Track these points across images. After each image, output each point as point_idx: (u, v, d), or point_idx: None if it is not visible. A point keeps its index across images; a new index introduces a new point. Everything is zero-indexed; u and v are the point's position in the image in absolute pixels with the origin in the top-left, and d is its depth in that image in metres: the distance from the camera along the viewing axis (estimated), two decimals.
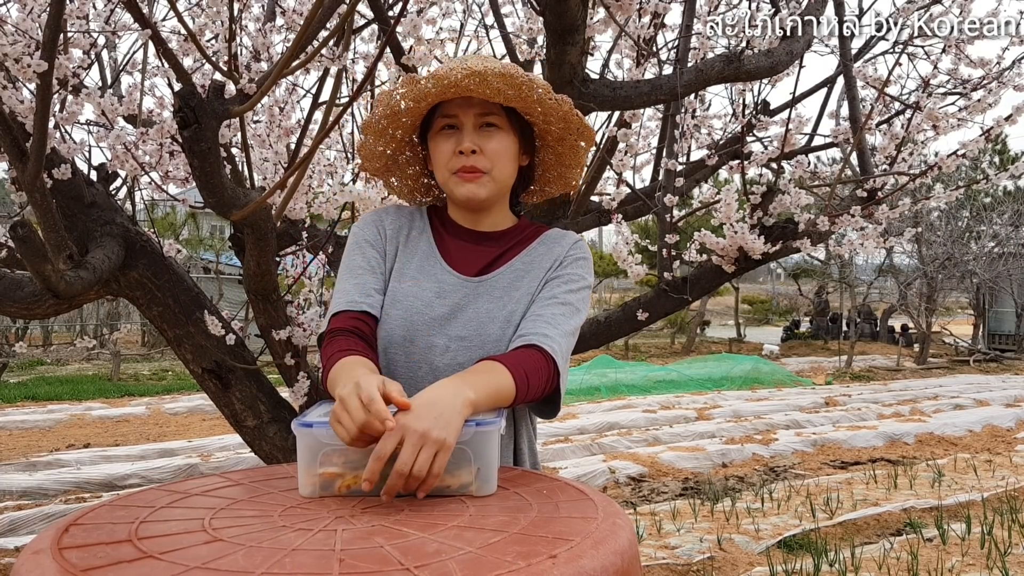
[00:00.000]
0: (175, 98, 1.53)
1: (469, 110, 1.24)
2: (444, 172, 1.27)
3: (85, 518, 0.87)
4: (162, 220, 14.71)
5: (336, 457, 0.96)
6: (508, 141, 1.27)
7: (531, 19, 2.31)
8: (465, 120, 1.24)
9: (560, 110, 1.27)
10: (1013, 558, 3.70)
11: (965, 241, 16.07)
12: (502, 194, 1.32)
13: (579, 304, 1.28)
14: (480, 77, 1.18)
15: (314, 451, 0.96)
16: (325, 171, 2.36)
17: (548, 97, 1.24)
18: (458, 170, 1.24)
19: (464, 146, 1.23)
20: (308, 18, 1.35)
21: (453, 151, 1.24)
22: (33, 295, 1.79)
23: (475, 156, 1.24)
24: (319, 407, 1.08)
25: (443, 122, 1.26)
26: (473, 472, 0.96)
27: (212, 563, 0.72)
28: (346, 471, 0.96)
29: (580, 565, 0.72)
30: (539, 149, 1.36)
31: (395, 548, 0.75)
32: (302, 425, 0.96)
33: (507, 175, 1.29)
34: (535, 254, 1.31)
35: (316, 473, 0.96)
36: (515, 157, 1.29)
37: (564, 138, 1.33)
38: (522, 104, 1.25)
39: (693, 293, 2.61)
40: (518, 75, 1.20)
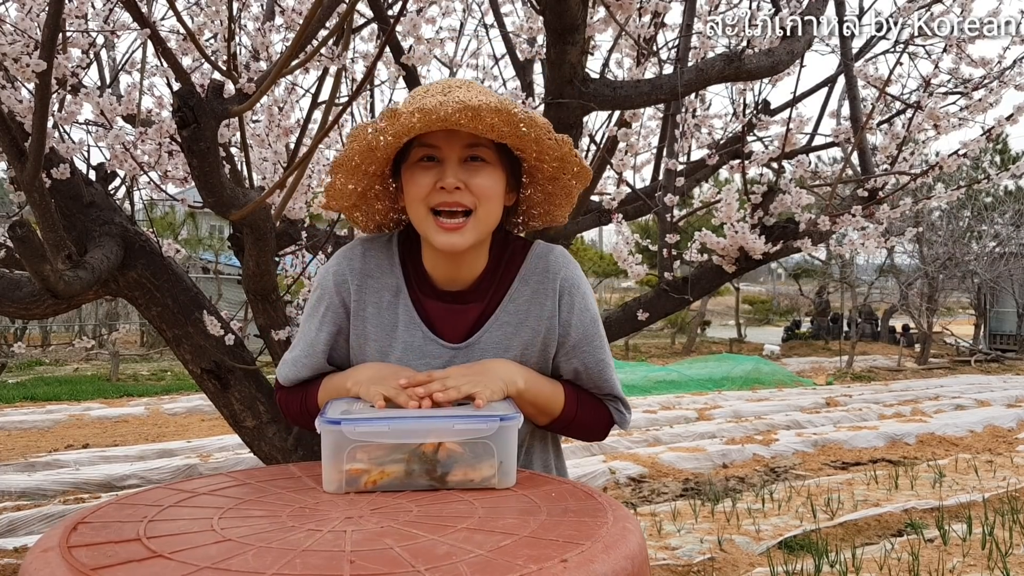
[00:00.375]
0: (174, 97, 1.52)
1: (455, 142, 1.10)
2: (421, 209, 1.11)
3: (92, 516, 0.87)
4: (161, 220, 14.71)
5: (361, 453, 0.97)
6: (496, 177, 1.13)
7: (531, 19, 2.31)
8: (449, 153, 1.10)
9: (559, 151, 1.14)
10: (1014, 559, 3.69)
11: (966, 241, 16.07)
12: (486, 236, 1.17)
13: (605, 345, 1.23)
14: (473, 112, 1.05)
15: (341, 447, 0.97)
16: (324, 171, 2.35)
17: (548, 137, 1.12)
18: (438, 206, 1.10)
19: (447, 182, 1.09)
20: (307, 17, 1.34)
21: (433, 185, 1.10)
22: (32, 295, 1.79)
23: (459, 192, 1.09)
24: (337, 404, 1.09)
25: (422, 152, 1.11)
26: (495, 466, 0.98)
27: (222, 563, 0.71)
28: (371, 467, 0.97)
29: (591, 569, 0.71)
30: (526, 185, 1.24)
31: (405, 550, 0.75)
32: (329, 422, 0.97)
33: (493, 217, 1.14)
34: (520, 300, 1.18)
35: (342, 469, 0.97)
36: (502, 196, 1.15)
37: (557, 177, 1.20)
38: (517, 142, 1.13)
39: (693, 293, 2.61)
40: (517, 112, 1.08)
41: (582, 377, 1.20)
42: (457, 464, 0.98)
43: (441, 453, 0.98)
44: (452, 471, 0.98)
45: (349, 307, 1.20)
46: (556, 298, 1.18)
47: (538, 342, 1.18)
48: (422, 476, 0.98)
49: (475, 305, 1.19)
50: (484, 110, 1.06)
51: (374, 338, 1.19)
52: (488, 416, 0.98)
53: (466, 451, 0.98)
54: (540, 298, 1.18)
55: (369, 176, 1.19)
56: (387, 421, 0.98)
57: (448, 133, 1.10)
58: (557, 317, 1.18)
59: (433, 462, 0.98)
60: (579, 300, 1.20)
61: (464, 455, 0.98)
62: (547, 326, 1.18)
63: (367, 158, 1.14)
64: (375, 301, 1.19)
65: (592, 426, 1.22)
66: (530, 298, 1.18)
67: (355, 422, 0.97)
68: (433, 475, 0.98)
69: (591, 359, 1.19)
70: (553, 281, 1.18)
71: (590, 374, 1.20)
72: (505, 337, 1.17)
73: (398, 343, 1.18)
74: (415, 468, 0.97)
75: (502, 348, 1.17)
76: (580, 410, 1.19)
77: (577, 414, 1.19)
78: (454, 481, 0.98)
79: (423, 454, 0.97)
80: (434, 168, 1.11)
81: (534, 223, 1.32)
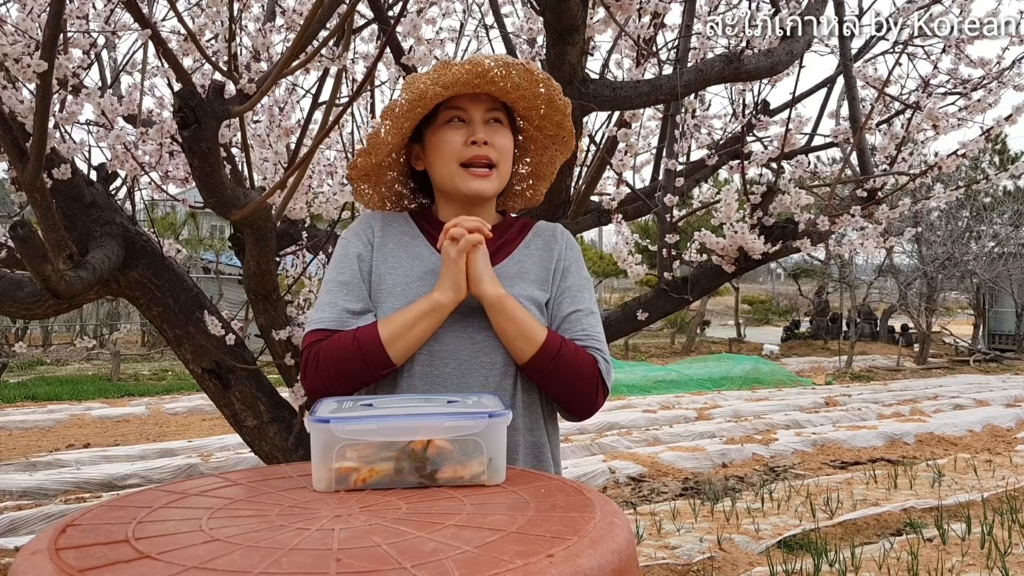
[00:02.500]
0: (175, 98, 1.53)
1: (479, 104, 1.26)
2: (451, 164, 1.26)
3: (82, 519, 0.87)
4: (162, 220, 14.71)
5: (351, 451, 0.98)
6: (510, 139, 1.30)
7: (531, 19, 2.31)
8: (475, 113, 1.26)
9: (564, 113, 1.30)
10: (1013, 558, 3.70)
11: (965, 241, 16.06)
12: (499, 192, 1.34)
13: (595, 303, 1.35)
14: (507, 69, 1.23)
15: (330, 446, 0.97)
16: (325, 171, 2.36)
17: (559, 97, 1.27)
18: (470, 160, 1.25)
19: (478, 136, 1.25)
20: (308, 18, 1.34)
21: (464, 142, 1.25)
22: (33, 295, 1.79)
23: (487, 147, 1.26)
24: (325, 402, 1.09)
25: (450, 114, 1.27)
26: (485, 463, 0.98)
27: (209, 563, 0.72)
28: (361, 465, 0.98)
29: (577, 564, 0.72)
30: (516, 158, 1.37)
31: (392, 547, 0.75)
32: (318, 421, 0.97)
33: (508, 172, 1.31)
34: (533, 247, 1.34)
35: (332, 467, 0.97)
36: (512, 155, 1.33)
37: (547, 147, 1.36)
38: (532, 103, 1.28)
39: (693, 293, 2.61)
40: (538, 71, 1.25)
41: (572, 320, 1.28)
42: (447, 461, 0.98)
43: (430, 450, 0.98)
44: (442, 468, 0.98)
45: (373, 247, 1.32)
46: (560, 250, 1.34)
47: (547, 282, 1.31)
48: (412, 474, 0.98)
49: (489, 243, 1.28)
50: (515, 67, 1.23)
51: (394, 264, 1.30)
52: (477, 413, 0.99)
53: (456, 448, 0.98)
54: (550, 246, 1.34)
55: (401, 134, 1.30)
56: (376, 419, 0.99)
57: (473, 97, 1.26)
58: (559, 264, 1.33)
59: (423, 459, 0.98)
60: (577, 259, 1.35)
61: (454, 452, 0.98)
62: (552, 268, 1.32)
63: (411, 108, 1.26)
64: (396, 239, 1.33)
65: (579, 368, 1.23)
66: (541, 247, 1.34)
67: (344, 420, 0.97)
68: (423, 472, 0.98)
69: (583, 305, 1.30)
70: (560, 237, 1.36)
71: (580, 316, 1.29)
72: (520, 269, 1.30)
73: (419, 269, 1.29)
74: (405, 466, 0.98)
75: (518, 277, 1.29)
76: (564, 345, 1.23)
77: (561, 349, 1.22)
78: (444, 478, 0.98)
79: (412, 452, 0.98)
80: (462, 128, 1.27)
81: (512, 202, 1.44)
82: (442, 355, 1.24)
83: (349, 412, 1.02)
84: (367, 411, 1.03)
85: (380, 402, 1.11)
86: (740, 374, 11.46)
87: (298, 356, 2.11)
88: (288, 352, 2.08)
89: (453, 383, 1.24)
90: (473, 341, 1.24)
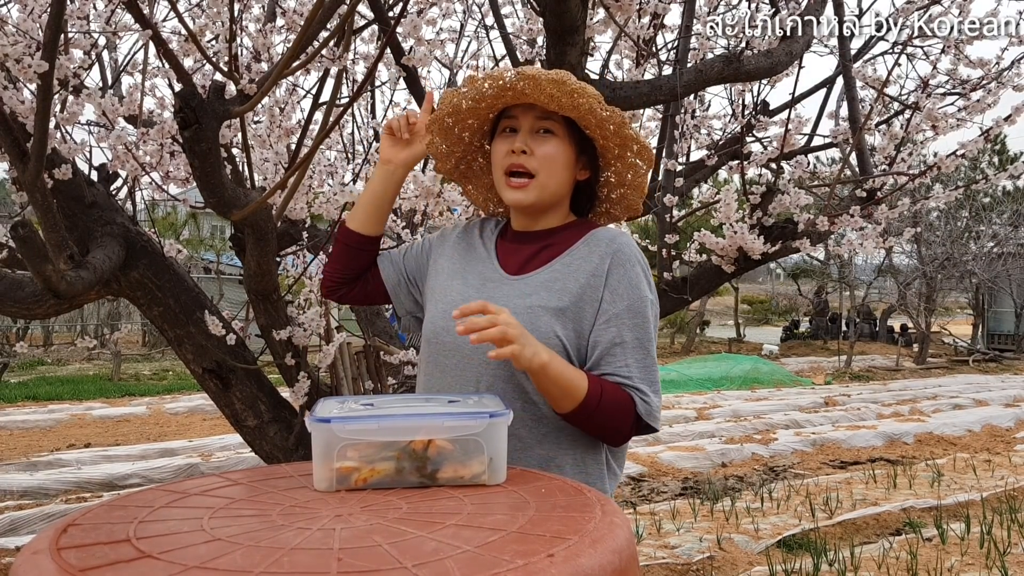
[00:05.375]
0: (176, 98, 1.53)
1: (529, 112, 1.28)
2: (498, 172, 1.30)
3: (83, 518, 0.87)
4: (163, 220, 14.70)
5: (352, 451, 0.98)
6: (562, 148, 1.28)
7: (531, 19, 2.32)
8: (523, 122, 1.28)
9: (612, 121, 1.27)
10: (1012, 558, 3.70)
11: (964, 241, 16.06)
12: (552, 200, 1.32)
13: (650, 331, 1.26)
14: (534, 81, 1.22)
15: (331, 445, 0.97)
16: (325, 171, 2.36)
17: (600, 107, 1.26)
18: (508, 169, 1.28)
19: (516, 145, 1.27)
20: (308, 19, 1.35)
21: (507, 151, 1.28)
22: (34, 295, 1.80)
23: (524, 156, 1.27)
24: (326, 402, 1.10)
25: (505, 124, 1.30)
26: (485, 462, 0.98)
27: (210, 562, 0.72)
28: (362, 465, 0.98)
29: (578, 564, 0.72)
30: (601, 168, 1.37)
31: (393, 547, 0.75)
32: (318, 420, 0.98)
33: (556, 182, 1.29)
34: (577, 256, 1.29)
35: (333, 467, 0.98)
36: (568, 166, 1.30)
37: (623, 156, 1.34)
38: (576, 113, 1.27)
39: (693, 293, 2.62)
40: (569, 81, 1.23)
41: (616, 353, 1.22)
42: (447, 461, 0.98)
43: (431, 450, 0.98)
44: (442, 468, 0.98)
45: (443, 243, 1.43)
46: (606, 264, 1.26)
47: (576, 295, 1.25)
48: (412, 473, 0.98)
49: (535, 244, 1.33)
50: (543, 79, 1.21)
51: (448, 260, 1.38)
52: (477, 413, 0.99)
53: (456, 448, 0.98)
54: (593, 257, 1.28)
55: (465, 144, 1.39)
56: (376, 419, 0.99)
57: (525, 107, 1.28)
58: (603, 282, 1.25)
59: (423, 459, 0.98)
60: (632, 276, 1.26)
61: (454, 452, 0.98)
62: (590, 283, 1.25)
63: (458, 121, 1.34)
64: (463, 243, 1.41)
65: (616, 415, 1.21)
66: (584, 256, 1.28)
67: (345, 420, 0.98)
68: (423, 472, 0.98)
69: (628, 334, 1.23)
70: (608, 248, 1.28)
71: (624, 348, 1.22)
72: (552, 279, 1.27)
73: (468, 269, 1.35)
74: (405, 465, 0.98)
75: (545, 288, 1.26)
76: (603, 397, 1.19)
77: (601, 401, 1.18)
78: (444, 478, 0.98)
79: (413, 451, 0.98)
80: (511, 137, 1.29)
81: (614, 210, 1.42)
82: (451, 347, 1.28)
83: (350, 412, 1.02)
84: (368, 411, 1.03)
85: (381, 402, 1.11)
86: (740, 374, 11.45)
87: (298, 356, 2.12)
88: (288, 352, 2.08)
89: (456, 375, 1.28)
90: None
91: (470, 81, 1.27)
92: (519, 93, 1.25)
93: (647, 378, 1.23)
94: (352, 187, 2.08)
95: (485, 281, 1.32)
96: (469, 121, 1.34)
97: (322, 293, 1.48)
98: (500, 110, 1.32)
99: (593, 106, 1.25)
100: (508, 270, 1.32)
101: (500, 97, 1.27)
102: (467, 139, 1.38)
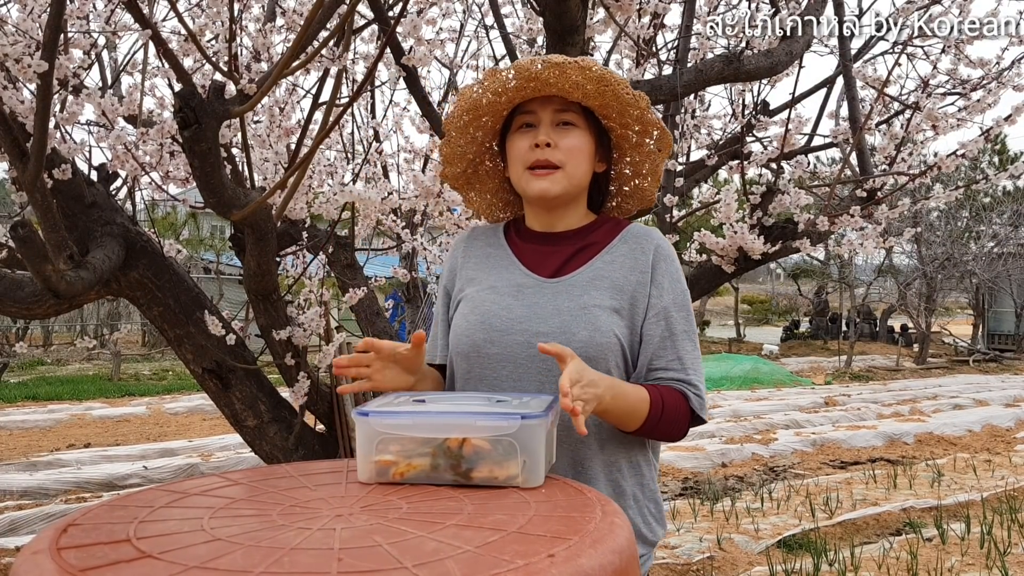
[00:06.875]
0: (175, 98, 1.53)
1: (547, 106, 1.25)
2: (519, 168, 1.27)
3: (83, 518, 0.87)
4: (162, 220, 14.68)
5: (391, 445, 0.99)
6: (584, 139, 1.27)
7: (531, 19, 2.32)
8: (543, 116, 1.25)
9: (637, 106, 1.26)
10: (1012, 558, 3.70)
11: (964, 241, 16.07)
12: (576, 192, 1.30)
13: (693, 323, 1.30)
14: (559, 69, 1.20)
15: (371, 438, 0.99)
16: (325, 171, 2.36)
17: (626, 91, 1.24)
18: (532, 164, 1.24)
19: (539, 139, 1.24)
20: (308, 18, 1.35)
21: (529, 146, 1.25)
22: (34, 295, 1.79)
23: (549, 150, 1.24)
24: (382, 398, 1.12)
25: (522, 119, 1.27)
26: (520, 464, 0.97)
27: (211, 562, 0.72)
28: (400, 459, 0.99)
29: (578, 564, 0.72)
30: (616, 160, 1.35)
31: (393, 547, 0.75)
32: (360, 413, 1.00)
33: (581, 173, 1.28)
34: (617, 253, 1.28)
35: (372, 460, 0.99)
36: (590, 157, 1.29)
37: (641, 144, 1.32)
38: (600, 100, 1.25)
39: (693, 293, 2.60)
40: (595, 66, 1.21)
41: (668, 349, 1.24)
42: (483, 461, 0.98)
43: (466, 449, 0.98)
44: (477, 467, 0.98)
45: (457, 269, 1.36)
46: (650, 261, 1.27)
47: (628, 292, 1.25)
48: (447, 471, 0.98)
49: (568, 246, 1.30)
50: (569, 66, 1.20)
51: (472, 275, 1.33)
52: (510, 414, 0.98)
53: (494, 448, 0.97)
54: (636, 255, 1.27)
55: (478, 144, 1.34)
56: (412, 414, 1.00)
57: (543, 100, 1.25)
58: (650, 277, 1.26)
59: (458, 457, 0.98)
60: (673, 271, 1.29)
61: (491, 452, 0.98)
62: (639, 280, 1.26)
63: (474, 119, 1.29)
64: (477, 254, 1.36)
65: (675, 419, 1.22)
66: (627, 253, 1.28)
67: (382, 414, 1.00)
68: (458, 471, 0.98)
69: (678, 327, 1.25)
70: (649, 244, 1.29)
71: (675, 340, 1.24)
72: (597, 277, 1.26)
73: (494, 278, 1.30)
74: (440, 463, 0.98)
75: (594, 286, 1.24)
76: (664, 407, 1.20)
77: (663, 413, 1.19)
78: (479, 478, 0.98)
79: (448, 449, 0.98)
80: (531, 133, 1.26)
81: (627, 203, 1.41)
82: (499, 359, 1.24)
83: (392, 406, 1.04)
84: (412, 406, 1.04)
85: (431, 398, 1.12)
86: (740, 374, 11.46)
87: (298, 356, 2.12)
88: (288, 352, 2.08)
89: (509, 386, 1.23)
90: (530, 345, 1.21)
91: (491, 74, 1.24)
92: (543, 83, 1.22)
93: (697, 369, 1.26)
94: (352, 187, 2.08)
95: (519, 288, 1.27)
96: (484, 119, 1.30)
97: None
98: (517, 105, 1.28)
99: (619, 92, 1.23)
100: (541, 273, 1.28)
101: (522, 89, 1.24)
102: (480, 139, 1.34)
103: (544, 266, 1.29)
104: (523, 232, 1.35)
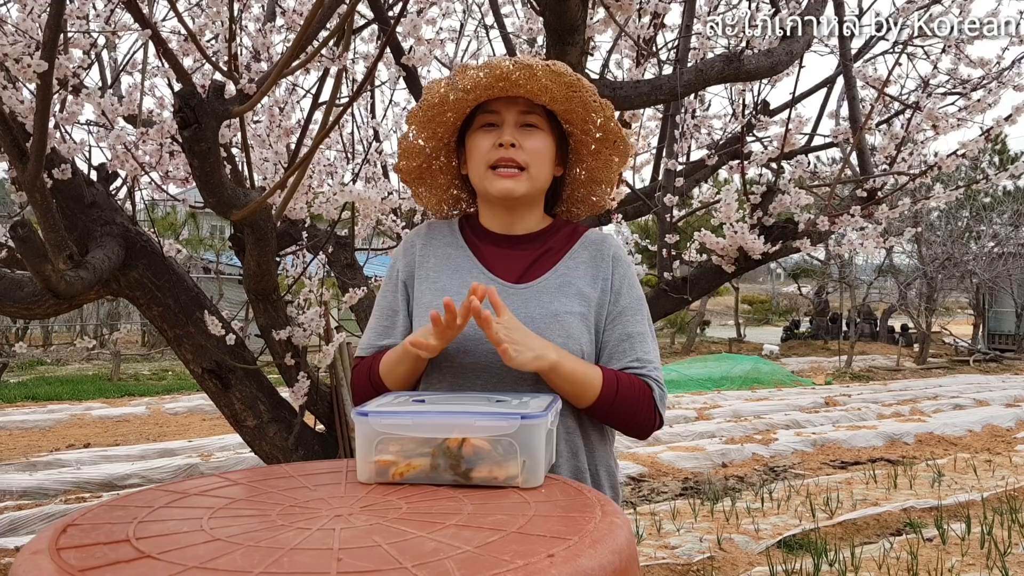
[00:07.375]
0: (175, 98, 1.53)
1: (512, 107, 1.25)
2: (481, 167, 1.26)
3: (83, 519, 0.87)
4: (162, 220, 14.70)
5: (391, 445, 0.99)
6: (547, 142, 1.27)
7: (531, 19, 2.32)
8: (507, 116, 1.25)
9: (602, 114, 1.27)
10: (1013, 558, 3.70)
11: (965, 241, 16.07)
12: (537, 194, 1.31)
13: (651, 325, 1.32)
14: (530, 71, 1.20)
15: (370, 438, 0.99)
16: (325, 171, 2.36)
17: (593, 99, 1.25)
18: (496, 163, 1.24)
19: (504, 139, 1.24)
20: (308, 18, 1.35)
21: (492, 145, 1.25)
22: (33, 295, 1.79)
23: (514, 150, 1.24)
24: (381, 398, 1.11)
25: (484, 119, 1.27)
26: (520, 464, 0.97)
27: (210, 562, 0.72)
28: (399, 459, 0.99)
29: (578, 564, 0.72)
30: (572, 164, 1.35)
31: (393, 547, 0.75)
32: (359, 413, 1.00)
33: (544, 176, 1.28)
34: (579, 259, 1.30)
35: (372, 460, 0.99)
36: (552, 160, 1.29)
37: (600, 151, 1.32)
38: (566, 105, 1.26)
39: (693, 293, 2.62)
40: (566, 72, 1.22)
41: (627, 346, 1.25)
42: (483, 461, 0.98)
43: (466, 449, 0.98)
44: (477, 467, 0.98)
45: (415, 265, 1.33)
46: (610, 267, 1.30)
47: (593, 299, 1.27)
48: (447, 471, 0.98)
49: (530, 250, 1.30)
50: (540, 69, 1.21)
51: (434, 279, 1.30)
52: (509, 414, 0.98)
53: (494, 448, 0.97)
54: (597, 261, 1.30)
55: (436, 139, 1.33)
56: (411, 414, 1.00)
57: (508, 101, 1.25)
58: (609, 284, 1.29)
59: (457, 457, 0.98)
60: (630, 275, 1.32)
61: (491, 452, 0.97)
62: (602, 287, 1.28)
63: (438, 114, 1.28)
64: (437, 253, 1.33)
65: (636, 405, 1.22)
66: (588, 260, 1.30)
67: (381, 414, 0.99)
68: (457, 471, 0.98)
69: (634, 329, 1.27)
70: (608, 251, 1.31)
71: (633, 342, 1.26)
72: (564, 284, 1.27)
73: (457, 281, 1.28)
74: (440, 463, 0.98)
75: (561, 293, 1.26)
76: (619, 387, 1.20)
77: (618, 392, 1.20)
78: (479, 478, 0.98)
79: (448, 449, 0.98)
80: (494, 132, 1.26)
81: (577, 208, 1.41)
82: (473, 369, 1.23)
83: (392, 406, 1.03)
84: (411, 406, 1.04)
85: (431, 398, 1.12)
86: (740, 374, 11.45)
87: (298, 356, 2.12)
88: (288, 352, 2.08)
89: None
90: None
91: (461, 71, 1.23)
92: (512, 84, 1.22)
93: (656, 367, 1.27)
94: (352, 187, 2.08)
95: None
96: (448, 115, 1.29)
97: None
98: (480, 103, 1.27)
99: (586, 98, 1.24)
100: (507, 277, 1.28)
101: (491, 88, 1.23)
102: (439, 134, 1.32)
103: (508, 270, 1.29)
104: (479, 231, 1.34)
